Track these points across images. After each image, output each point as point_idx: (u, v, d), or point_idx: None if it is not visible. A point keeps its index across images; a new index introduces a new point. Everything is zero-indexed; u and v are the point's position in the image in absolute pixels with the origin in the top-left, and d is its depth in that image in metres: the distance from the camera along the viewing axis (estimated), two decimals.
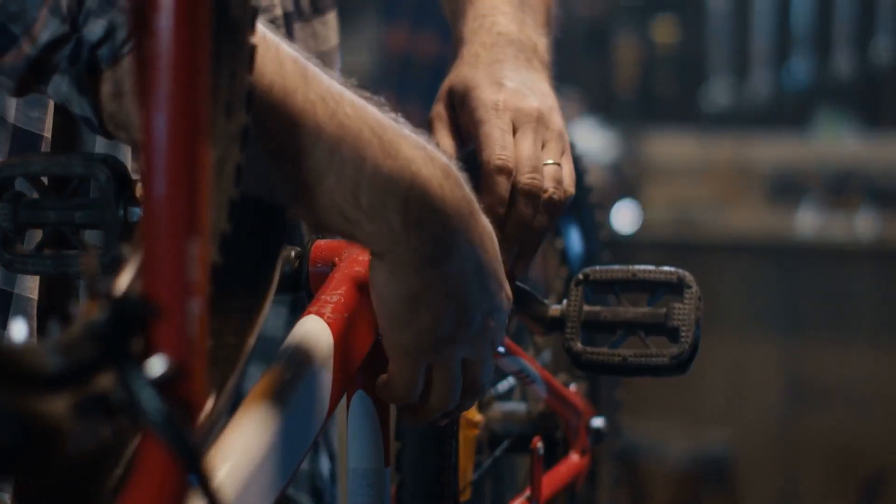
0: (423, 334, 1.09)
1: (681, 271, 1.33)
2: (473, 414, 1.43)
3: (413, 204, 1.02)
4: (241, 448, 0.97)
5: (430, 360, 1.12)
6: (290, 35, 1.44)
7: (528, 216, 1.27)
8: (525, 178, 1.26)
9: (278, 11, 1.41)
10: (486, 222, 1.10)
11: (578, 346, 1.31)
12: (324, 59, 1.49)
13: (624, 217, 5.08)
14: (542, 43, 1.41)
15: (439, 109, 1.34)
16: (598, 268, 1.35)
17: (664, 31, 5.61)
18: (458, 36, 1.41)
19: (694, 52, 5.64)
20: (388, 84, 4.75)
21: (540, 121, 1.30)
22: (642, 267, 1.34)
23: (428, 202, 1.03)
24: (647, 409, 4.93)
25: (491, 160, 1.26)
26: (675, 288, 1.32)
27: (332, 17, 1.54)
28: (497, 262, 1.11)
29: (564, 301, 1.34)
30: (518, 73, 1.34)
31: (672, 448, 4.79)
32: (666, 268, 1.33)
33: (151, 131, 0.75)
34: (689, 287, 1.31)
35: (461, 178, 1.07)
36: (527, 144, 1.28)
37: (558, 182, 1.29)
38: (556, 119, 1.33)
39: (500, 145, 1.26)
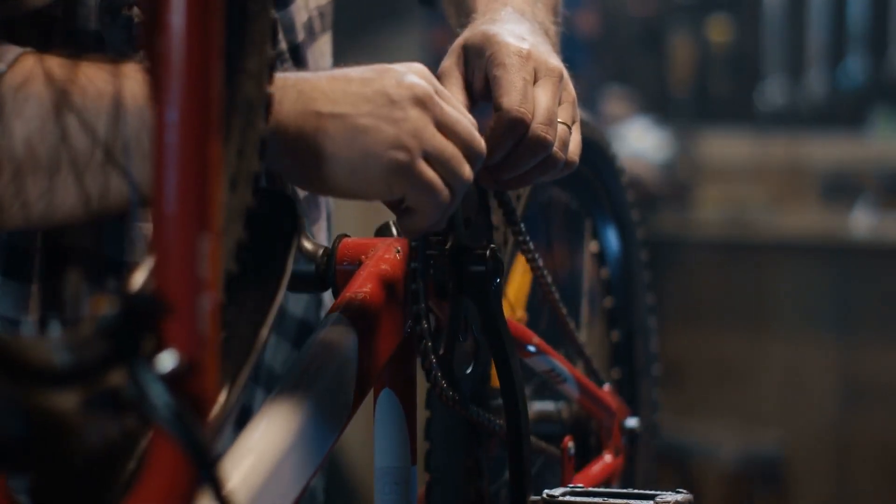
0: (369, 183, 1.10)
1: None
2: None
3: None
4: (261, 445, 0.98)
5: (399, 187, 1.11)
6: (303, 62, 1.45)
7: (524, 165, 1.25)
8: (538, 129, 1.23)
9: (282, 46, 1.41)
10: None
11: (556, 495, 1.30)
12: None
13: None
14: (552, 29, 1.40)
15: (449, 65, 1.30)
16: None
17: (719, 30, 5.58)
18: (469, 9, 1.39)
19: (749, 52, 5.60)
20: None
21: (562, 80, 1.28)
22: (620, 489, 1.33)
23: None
24: (700, 409, 4.91)
25: (511, 109, 1.23)
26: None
27: (329, 34, 1.55)
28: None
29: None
30: (536, 38, 1.32)
31: (725, 448, 4.77)
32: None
33: (163, 130, 0.76)
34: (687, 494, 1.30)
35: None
36: (546, 96, 1.25)
37: (564, 143, 1.26)
38: (572, 88, 1.31)
39: (522, 96, 1.23)
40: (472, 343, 1.27)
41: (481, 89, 1.28)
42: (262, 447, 0.98)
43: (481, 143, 1.16)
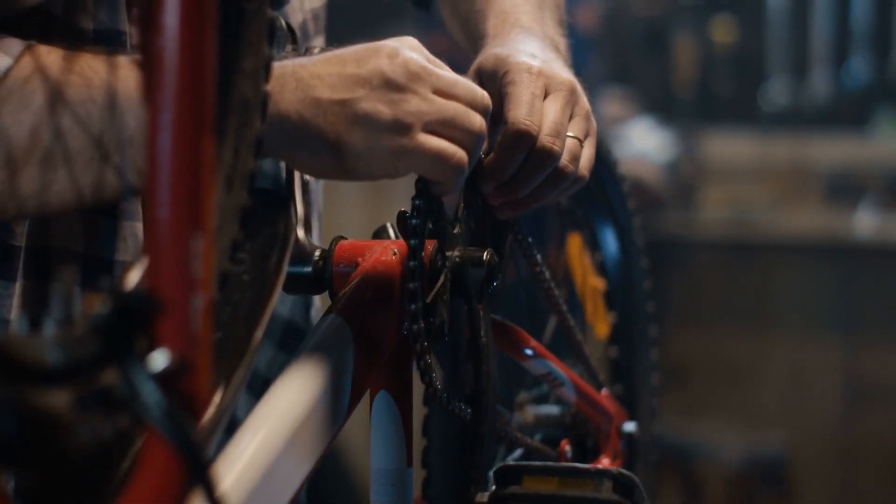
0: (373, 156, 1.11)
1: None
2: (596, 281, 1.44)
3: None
4: (255, 447, 0.98)
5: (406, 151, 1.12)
6: None
7: (534, 179, 1.26)
8: (545, 140, 1.24)
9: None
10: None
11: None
12: None
13: None
14: (562, 42, 1.41)
15: None
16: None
17: (723, 30, 5.57)
18: (481, 33, 1.41)
19: (752, 52, 5.60)
20: None
21: (573, 93, 1.30)
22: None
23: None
24: (703, 410, 4.91)
25: (516, 122, 1.24)
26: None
27: (322, 37, 1.56)
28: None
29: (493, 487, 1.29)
30: (547, 54, 1.34)
31: (728, 449, 4.76)
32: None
33: (156, 129, 0.76)
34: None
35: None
36: (555, 109, 1.27)
37: (574, 157, 1.27)
38: (585, 101, 1.32)
39: (529, 108, 1.25)
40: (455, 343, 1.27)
41: (497, 110, 1.29)
42: (255, 448, 0.98)
43: (484, 95, 1.18)
